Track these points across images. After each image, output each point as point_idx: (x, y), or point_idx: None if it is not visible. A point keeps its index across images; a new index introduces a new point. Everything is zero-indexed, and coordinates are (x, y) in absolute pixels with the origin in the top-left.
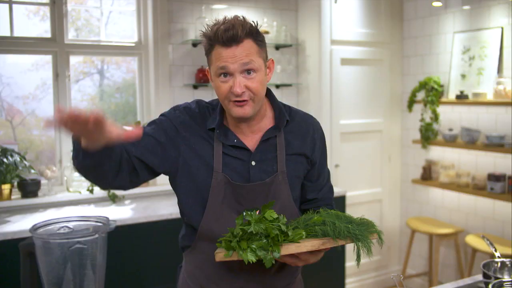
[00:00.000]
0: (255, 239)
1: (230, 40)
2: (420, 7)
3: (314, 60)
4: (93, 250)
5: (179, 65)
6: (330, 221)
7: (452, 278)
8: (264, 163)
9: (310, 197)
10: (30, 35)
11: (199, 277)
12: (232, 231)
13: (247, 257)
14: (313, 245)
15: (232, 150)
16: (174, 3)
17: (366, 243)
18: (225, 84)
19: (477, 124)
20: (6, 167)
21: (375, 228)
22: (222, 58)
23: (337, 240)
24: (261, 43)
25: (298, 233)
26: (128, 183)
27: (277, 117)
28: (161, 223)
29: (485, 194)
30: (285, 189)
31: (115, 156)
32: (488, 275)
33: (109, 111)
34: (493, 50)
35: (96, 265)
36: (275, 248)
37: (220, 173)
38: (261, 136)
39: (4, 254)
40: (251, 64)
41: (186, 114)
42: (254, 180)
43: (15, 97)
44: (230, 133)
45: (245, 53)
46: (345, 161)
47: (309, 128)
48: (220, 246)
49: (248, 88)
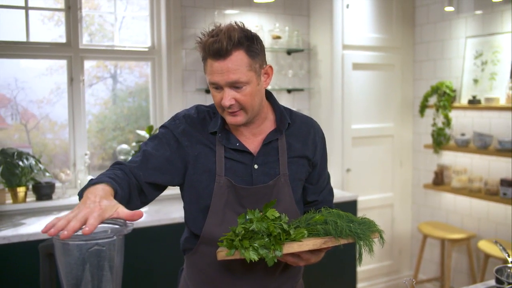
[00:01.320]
0: (257, 237)
1: (217, 53)
2: (432, 12)
3: (326, 65)
4: (111, 252)
5: (191, 70)
6: (332, 220)
7: (465, 283)
8: (266, 166)
9: (311, 199)
10: (45, 40)
11: (201, 280)
12: (234, 230)
13: (249, 255)
14: (315, 244)
15: (234, 153)
16: (187, 9)
17: (368, 242)
18: (217, 95)
19: (489, 129)
20: (22, 170)
21: (377, 227)
22: (212, 72)
23: (339, 239)
24: (254, 53)
25: (300, 232)
26: (139, 206)
27: (279, 120)
28: (173, 226)
29: (497, 199)
30: (287, 192)
31: (122, 195)
32: (501, 280)
33: (121, 115)
34: (505, 55)
35: (114, 267)
36: (277, 246)
37: (222, 176)
38: (263, 139)
39: (20, 256)
40: (238, 81)
41: (186, 123)
42: (256, 183)
43: (30, 101)
44: (232, 137)
45: (233, 68)
46: (357, 166)
47: (310, 130)
48: (222, 245)
49: (237, 101)
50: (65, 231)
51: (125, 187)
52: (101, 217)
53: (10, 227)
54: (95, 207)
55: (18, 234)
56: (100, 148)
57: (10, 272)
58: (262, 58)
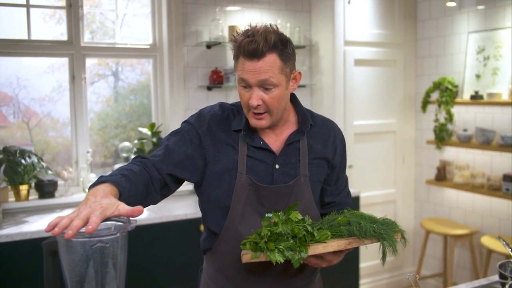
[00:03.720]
0: (282, 240)
1: (252, 54)
2: (434, 7)
3: (328, 61)
4: (114, 249)
5: (193, 67)
6: (355, 221)
7: (467, 279)
8: (287, 166)
9: (328, 200)
10: (47, 38)
11: (220, 279)
12: (258, 232)
13: (275, 257)
14: (340, 245)
15: (257, 152)
16: (189, 6)
17: (391, 242)
18: (245, 94)
19: (492, 125)
20: (24, 168)
21: (399, 227)
22: (243, 70)
23: (363, 240)
24: (286, 58)
25: (323, 234)
26: (158, 199)
27: (301, 122)
28: (176, 223)
29: (500, 194)
30: (307, 192)
31: (135, 192)
32: (505, 275)
33: (123, 113)
34: (508, 50)
35: (117, 264)
36: (302, 248)
37: (244, 174)
38: (285, 139)
39: (24, 253)
40: (269, 81)
41: (211, 121)
42: (277, 183)
43: (32, 99)
44: (255, 135)
45: (265, 69)
46: (359, 162)
47: (330, 132)
48: (245, 248)
49: (264, 102)
50: (69, 231)
51: (140, 183)
52: (103, 215)
53: (13, 225)
54: (96, 206)
55: (21, 232)
56: (102, 145)
57: (13, 270)
58: (293, 63)
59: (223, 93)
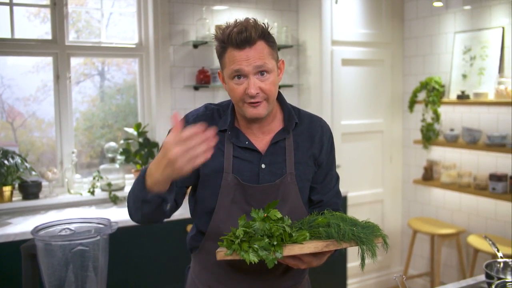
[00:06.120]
0: (257, 238)
1: (244, 42)
2: (421, 7)
3: (315, 60)
4: (95, 252)
5: (180, 67)
6: (335, 223)
7: (454, 278)
8: (273, 166)
9: (315, 199)
10: (31, 37)
11: (207, 278)
12: (234, 231)
13: (249, 257)
14: (317, 247)
15: (242, 152)
16: (175, 5)
17: (370, 246)
18: (240, 86)
19: (478, 124)
20: (7, 169)
21: (380, 231)
22: (236, 61)
23: (341, 243)
24: (273, 45)
25: (301, 234)
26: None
27: (287, 119)
28: (162, 225)
29: (487, 194)
30: (294, 191)
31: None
32: (491, 275)
33: (109, 113)
34: (494, 50)
35: (98, 267)
36: (277, 248)
37: (230, 174)
38: (271, 138)
39: (6, 256)
40: (265, 66)
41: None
42: (263, 183)
43: (16, 99)
44: (241, 135)
45: (258, 55)
46: (346, 162)
47: (318, 129)
48: (222, 245)
49: (262, 90)
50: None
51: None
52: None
53: None
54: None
55: (4, 234)
56: (88, 146)
57: None
58: (277, 52)
59: (210, 93)
